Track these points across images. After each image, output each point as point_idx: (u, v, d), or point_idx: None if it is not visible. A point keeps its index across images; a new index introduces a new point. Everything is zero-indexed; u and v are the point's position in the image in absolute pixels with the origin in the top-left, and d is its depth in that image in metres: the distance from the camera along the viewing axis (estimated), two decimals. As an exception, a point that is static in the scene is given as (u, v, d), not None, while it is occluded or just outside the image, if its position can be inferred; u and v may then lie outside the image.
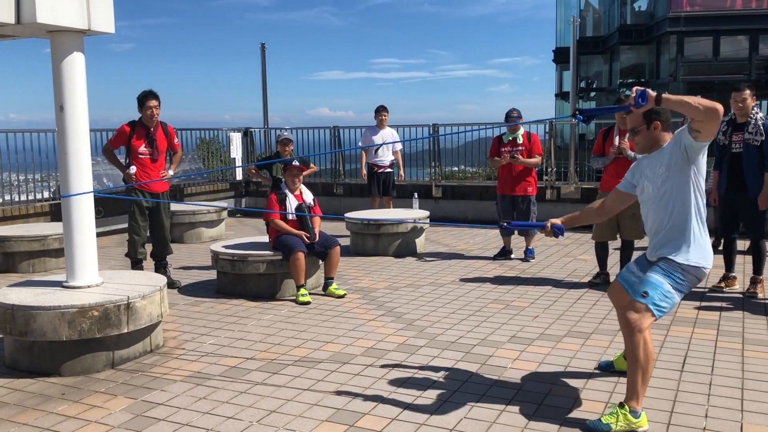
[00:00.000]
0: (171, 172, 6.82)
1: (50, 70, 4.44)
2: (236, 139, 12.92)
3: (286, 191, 6.32)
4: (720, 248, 6.59)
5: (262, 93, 14.13)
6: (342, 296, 6.19)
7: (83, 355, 4.29)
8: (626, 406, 3.34)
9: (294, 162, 6.49)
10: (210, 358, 4.53)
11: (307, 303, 5.95)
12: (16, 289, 4.66)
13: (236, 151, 12.91)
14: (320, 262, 6.46)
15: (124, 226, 7.85)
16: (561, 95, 31.38)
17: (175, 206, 9.32)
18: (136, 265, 6.69)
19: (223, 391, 3.94)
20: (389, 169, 9.78)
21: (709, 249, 3.47)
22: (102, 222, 9.30)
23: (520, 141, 7.74)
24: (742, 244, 7.16)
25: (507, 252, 8.04)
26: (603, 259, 6.62)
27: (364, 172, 10.02)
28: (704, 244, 3.45)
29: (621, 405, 3.37)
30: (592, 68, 30.31)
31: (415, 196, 9.76)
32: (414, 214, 8.65)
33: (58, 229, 7.43)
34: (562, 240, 9.15)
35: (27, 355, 4.35)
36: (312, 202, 6.44)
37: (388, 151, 9.76)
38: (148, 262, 6.84)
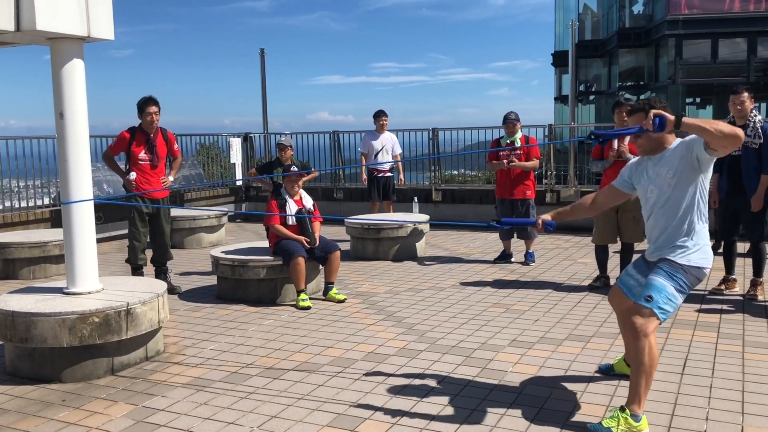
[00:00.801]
0: (171, 178, 6.83)
1: (50, 76, 4.45)
2: (236, 144, 12.92)
3: (286, 197, 6.33)
4: (720, 251, 6.58)
5: (262, 98, 14.14)
6: (342, 301, 6.20)
7: (84, 361, 4.29)
8: (627, 410, 3.34)
9: (292, 168, 6.50)
10: (210, 364, 4.54)
11: (308, 308, 5.95)
12: (17, 295, 4.66)
13: (236, 157, 12.90)
14: (320, 267, 6.47)
15: (125, 232, 7.87)
16: (560, 98, 31.39)
17: (175, 212, 9.32)
18: (137, 271, 6.69)
19: (224, 397, 3.94)
20: (389, 174, 9.79)
21: (709, 250, 3.49)
22: (102, 228, 9.31)
23: (518, 144, 7.77)
24: (742, 247, 7.17)
25: (507, 256, 8.04)
26: (603, 263, 6.62)
27: (365, 176, 10.03)
28: (705, 245, 3.46)
29: (622, 408, 3.36)
30: (591, 71, 30.32)
31: (415, 201, 9.77)
32: (414, 218, 8.66)
33: (58, 236, 7.43)
34: (562, 243, 9.15)
35: (27, 362, 4.35)
36: (312, 207, 6.46)
37: (388, 156, 9.77)
38: (149, 268, 6.84)
